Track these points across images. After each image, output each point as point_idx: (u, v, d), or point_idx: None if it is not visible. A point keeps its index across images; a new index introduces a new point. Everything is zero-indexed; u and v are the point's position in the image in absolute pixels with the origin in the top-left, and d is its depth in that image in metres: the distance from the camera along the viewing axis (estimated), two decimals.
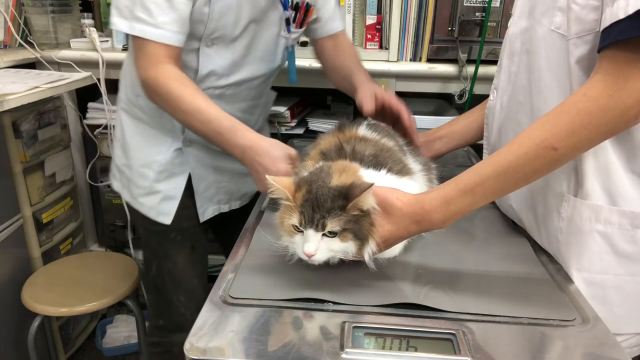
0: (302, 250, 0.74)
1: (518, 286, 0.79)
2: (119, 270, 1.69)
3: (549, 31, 0.79)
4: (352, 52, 1.36)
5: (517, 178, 0.72)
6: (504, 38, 0.96)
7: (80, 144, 2.05)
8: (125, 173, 1.31)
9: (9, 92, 1.38)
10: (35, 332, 1.56)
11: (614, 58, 0.66)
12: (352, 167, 0.81)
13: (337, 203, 0.72)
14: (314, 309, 0.72)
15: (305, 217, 0.72)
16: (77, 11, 1.99)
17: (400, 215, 0.75)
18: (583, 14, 0.72)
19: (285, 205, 0.76)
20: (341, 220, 0.72)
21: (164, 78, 1.05)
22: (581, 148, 0.70)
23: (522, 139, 0.71)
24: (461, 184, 0.74)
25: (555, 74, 0.79)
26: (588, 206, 0.78)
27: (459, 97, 1.69)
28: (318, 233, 0.73)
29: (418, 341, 0.66)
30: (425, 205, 0.75)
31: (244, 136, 1.02)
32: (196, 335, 0.66)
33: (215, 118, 1.04)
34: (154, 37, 1.04)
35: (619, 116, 0.66)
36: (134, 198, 1.30)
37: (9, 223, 1.64)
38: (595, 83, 0.67)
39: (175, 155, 1.26)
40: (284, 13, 1.20)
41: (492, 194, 0.74)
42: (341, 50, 1.36)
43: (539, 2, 0.83)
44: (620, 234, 0.77)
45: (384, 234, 0.75)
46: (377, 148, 0.90)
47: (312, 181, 0.75)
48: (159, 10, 1.04)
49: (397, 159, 0.91)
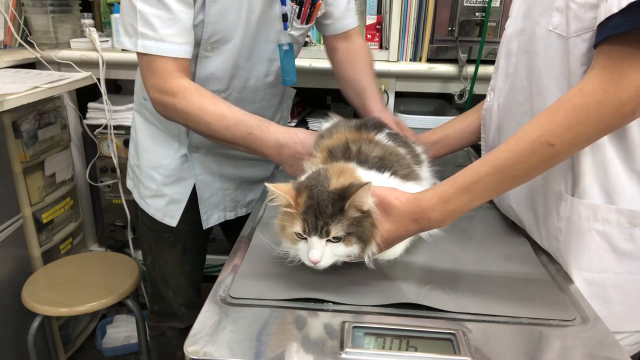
0: (307, 257, 0.73)
1: (518, 286, 0.79)
2: (119, 270, 1.69)
3: (547, 31, 0.79)
4: (366, 63, 1.31)
5: (514, 175, 0.71)
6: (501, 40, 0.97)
7: (80, 144, 2.05)
8: (136, 173, 1.33)
9: (9, 92, 1.38)
10: (35, 332, 1.56)
11: (609, 53, 0.66)
12: (349, 168, 0.81)
13: (337, 206, 0.72)
14: (313, 309, 0.72)
15: (309, 225, 0.72)
16: (77, 11, 1.99)
17: (398, 214, 0.75)
18: (581, 13, 0.72)
19: (286, 212, 0.75)
20: (344, 225, 0.72)
21: (182, 93, 1.02)
22: (578, 144, 0.69)
23: (518, 136, 0.71)
24: (458, 182, 0.74)
25: (554, 73, 0.79)
26: (586, 205, 0.78)
27: (459, 97, 1.69)
28: (322, 239, 0.72)
29: (418, 341, 0.66)
30: (423, 203, 0.75)
31: (277, 130, 1.01)
32: (196, 336, 0.66)
33: (242, 119, 1.01)
34: (160, 52, 1.01)
35: (615, 111, 0.65)
36: (142, 198, 1.32)
37: (9, 223, 1.64)
38: (592, 78, 0.67)
39: (183, 161, 1.26)
40: (281, 8, 1.16)
41: (490, 191, 0.73)
42: (354, 57, 1.30)
43: (536, 3, 0.83)
44: (619, 232, 0.77)
45: (383, 234, 0.75)
46: (385, 151, 0.90)
47: (312, 186, 0.74)
48: (162, 23, 1.01)
49: (405, 164, 0.90)
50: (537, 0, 0.83)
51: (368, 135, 0.95)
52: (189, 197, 1.28)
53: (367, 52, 1.34)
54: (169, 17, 1.01)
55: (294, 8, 1.18)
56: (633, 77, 0.64)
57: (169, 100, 1.03)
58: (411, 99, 1.92)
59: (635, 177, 0.76)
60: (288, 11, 1.17)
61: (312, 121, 1.86)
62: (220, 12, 1.07)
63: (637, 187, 0.76)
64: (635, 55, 0.63)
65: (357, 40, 1.33)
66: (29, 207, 1.69)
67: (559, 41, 0.77)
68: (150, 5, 1.00)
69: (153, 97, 1.05)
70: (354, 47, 1.32)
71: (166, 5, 1.00)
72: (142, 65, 1.06)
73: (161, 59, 1.02)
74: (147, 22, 1.01)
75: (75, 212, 2.01)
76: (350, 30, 1.31)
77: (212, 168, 1.29)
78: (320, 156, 0.89)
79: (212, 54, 1.12)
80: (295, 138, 1.00)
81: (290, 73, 1.24)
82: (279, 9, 1.16)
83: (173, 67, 1.03)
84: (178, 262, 1.37)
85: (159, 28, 1.00)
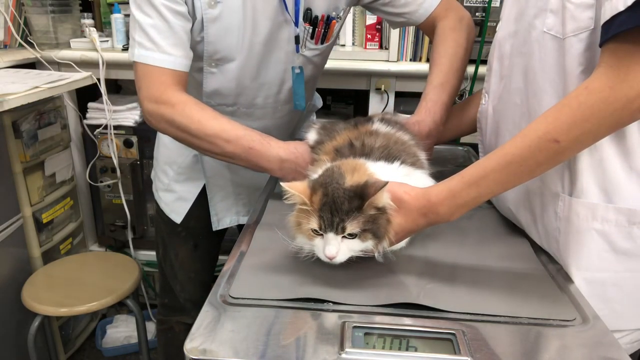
0: (323, 253, 0.75)
1: (518, 286, 0.79)
2: (119, 270, 1.69)
3: (542, 33, 0.80)
4: (437, 56, 1.16)
5: (521, 171, 0.72)
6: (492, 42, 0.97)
7: (80, 144, 2.05)
8: (154, 165, 1.38)
9: (9, 92, 1.38)
10: (35, 332, 1.56)
11: (615, 51, 0.66)
12: (360, 164, 0.82)
13: (354, 204, 0.73)
14: (314, 308, 0.72)
15: (325, 221, 0.73)
16: (77, 11, 1.99)
17: (408, 208, 0.77)
18: (578, 13, 0.73)
19: (302, 209, 0.76)
20: (360, 222, 0.73)
21: (182, 105, 1.00)
22: (584, 141, 0.70)
23: (525, 132, 0.72)
24: (466, 177, 0.75)
25: (549, 75, 0.79)
26: (584, 205, 0.78)
27: (459, 97, 1.68)
28: (338, 236, 0.74)
29: (418, 341, 0.66)
30: (431, 198, 0.77)
31: (277, 145, 1.00)
32: (196, 335, 0.66)
33: (243, 134, 0.99)
34: (157, 62, 1.00)
35: (622, 109, 0.65)
36: (157, 190, 1.37)
37: (9, 223, 1.64)
38: (598, 76, 0.67)
39: (195, 161, 1.28)
40: (293, 30, 1.11)
41: (497, 187, 0.75)
42: (434, 48, 1.17)
43: (529, 6, 0.84)
44: (618, 231, 0.77)
45: (394, 228, 0.77)
46: (389, 140, 0.91)
47: (327, 183, 0.75)
48: (158, 34, 1.00)
49: (411, 152, 0.92)
50: (530, 3, 0.83)
51: (366, 128, 0.96)
52: (201, 197, 1.30)
53: (445, 39, 1.17)
54: (165, 29, 1.00)
55: (306, 29, 1.13)
56: (639, 74, 0.63)
57: (167, 111, 1.01)
58: (411, 99, 1.92)
59: (634, 175, 0.76)
60: (300, 32, 1.13)
61: None
62: (220, 32, 1.05)
63: (635, 185, 0.76)
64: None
65: (440, 24, 1.18)
66: (29, 207, 1.69)
67: (554, 42, 0.78)
68: (148, 15, 1.00)
69: (148, 108, 1.03)
70: (437, 34, 1.18)
71: (163, 16, 1.00)
72: (138, 76, 1.04)
73: (159, 69, 1.01)
74: (144, 32, 1.00)
75: (75, 212, 2.01)
76: (432, 16, 1.17)
77: (224, 173, 1.29)
78: (326, 158, 0.90)
79: (216, 70, 1.11)
80: (296, 152, 1.00)
81: (299, 97, 1.19)
82: (290, 30, 1.12)
83: (170, 79, 1.01)
84: (189, 257, 1.38)
85: (155, 38, 1.00)
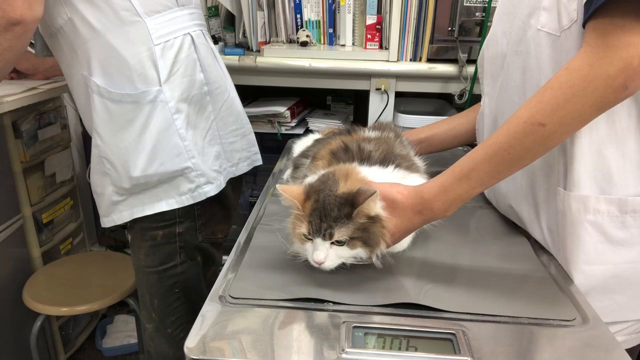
0: (312, 258, 0.75)
1: (518, 286, 0.79)
2: (119, 270, 1.69)
3: (536, 31, 0.80)
4: None
5: (510, 159, 0.72)
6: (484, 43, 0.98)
7: (80, 144, 2.05)
8: None
9: (7, 93, 1.38)
10: (37, 332, 1.56)
11: (594, 29, 0.66)
12: (353, 170, 0.82)
13: (344, 211, 0.73)
14: (314, 309, 0.72)
15: (314, 227, 0.74)
16: None
17: (402, 208, 0.77)
18: (568, 5, 0.74)
19: (296, 214, 0.77)
20: (349, 229, 0.73)
21: None
22: (570, 123, 0.69)
23: (511, 119, 0.72)
24: (456, 171, 0.75)
25: (545, 72, 0.80)
26: (575, 198, 0.78)
27: (459, 97, 1.68)
28: (326, 242, 0.74)
29: (418, 341, 0.66)
30: (424, 194, 0.77)
31: None
32: (196, 335, 0.66)
33: None
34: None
35: (604, 86, 0.65)
36: None
37: (9, 223, 1.64)
38: (578, 56, 0.67)
39: None
40: None
41: (488, 177, 0.74)
42: None
43: (521, 5, 0.84)
44: (610, 221, 0.77)
45: (390, 229, 0.76)
46: (384, 145, 0.91)
47: (320, 190, 0.76)
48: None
49: (407, 157, 0.93)
50: (522, 2, 0.84)
51: (361, 135, 0.97)
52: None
53: None
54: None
55: None
56: (619, 50, 0.63)
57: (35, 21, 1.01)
58: (411, 99, 1.92)
59: (628, 163, 0.76)
60: None
61: (312, 121, 1.86)
62: None
63: (629, 173, 0.76)
64: (619, 28, 0.63)
65: None
66: (29, 207, 1.69)
67: (548, 39, 0.79)
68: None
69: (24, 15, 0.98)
70: None
71: None
72: None
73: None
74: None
75: (75, 212, 2.01)
76: None
77: None
78: (321, 164, 0.90)
79: None
80: None
81: None
82: None
83: None
84: None
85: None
